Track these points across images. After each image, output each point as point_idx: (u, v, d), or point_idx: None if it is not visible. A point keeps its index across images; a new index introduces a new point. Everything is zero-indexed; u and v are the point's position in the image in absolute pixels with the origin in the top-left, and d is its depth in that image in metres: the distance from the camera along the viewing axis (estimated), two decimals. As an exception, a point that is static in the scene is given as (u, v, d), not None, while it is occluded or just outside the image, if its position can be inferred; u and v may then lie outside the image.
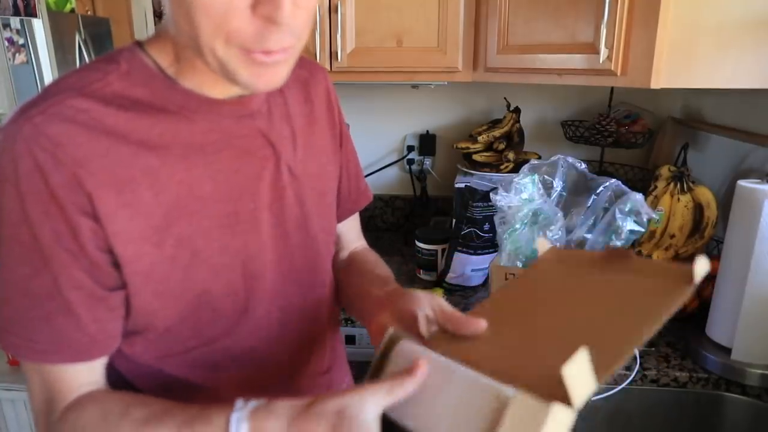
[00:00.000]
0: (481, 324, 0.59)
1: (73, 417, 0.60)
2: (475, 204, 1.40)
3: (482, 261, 1.45)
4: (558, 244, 1.03)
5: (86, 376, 0.62)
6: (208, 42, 0.53)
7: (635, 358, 1.08)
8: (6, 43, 1.61)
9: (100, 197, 0.56)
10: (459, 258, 1.44)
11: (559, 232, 1.04)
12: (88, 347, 0.60)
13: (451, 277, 1.46)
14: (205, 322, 0.66)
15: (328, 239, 0.79)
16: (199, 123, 0.63)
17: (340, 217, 0.87)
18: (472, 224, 1.41)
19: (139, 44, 0.63)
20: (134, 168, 0.58)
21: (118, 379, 0.67)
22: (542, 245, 0.69)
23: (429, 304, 0.66)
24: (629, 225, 0.96)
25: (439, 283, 1.49)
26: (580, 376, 0.43)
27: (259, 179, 0.67)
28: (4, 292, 0.58)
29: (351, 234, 0.93)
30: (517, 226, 1.06)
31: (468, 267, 1.45)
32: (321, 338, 0.82)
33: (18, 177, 0.54)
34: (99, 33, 1.61)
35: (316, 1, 0.57)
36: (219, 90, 0.63)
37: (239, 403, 0.53)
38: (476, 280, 1.48)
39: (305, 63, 0.79)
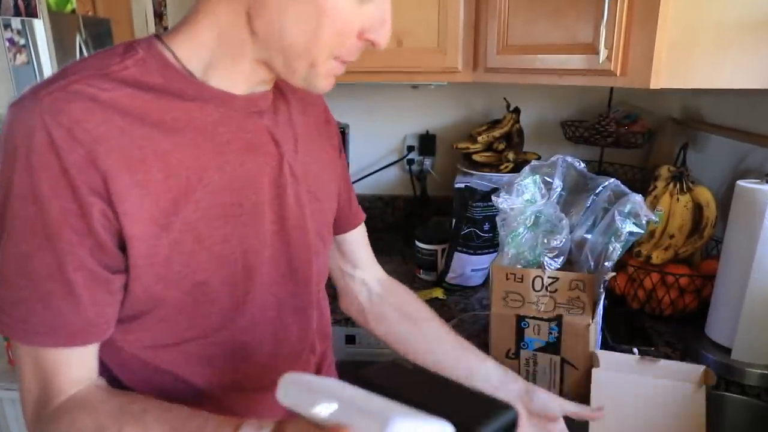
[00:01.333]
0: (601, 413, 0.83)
1: (68, 420, 0.59)
2: (475, 204, 1.40)
3: (482, 261, 1.45)
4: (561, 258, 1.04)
5: (81, 365, 0.62)
6: (319, 55, 0.61)
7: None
8: (7, 44, 1.61)
9: (114, 176, 0.56)
10: (459, 258, 1.44)
11: (564, 240, 1.03)
12: (84, 331, 0.60)
13: (450, 277, 1.46)
14: (201, 312, 0.67)
15: (320, 245, 0.80)
16: (211, 113, 0.64)
17: (338, 230, 0.90)
18: (472, 224, 1.42)
19: (157, 37, 0.64)
20: (147, 149, 0.59)
21: (105, 374, 0.67)
22: None
23: (559, 407, 0.82)
24: (628, 227, 0.96)
25: (438, 283, 1.49)
26: None
27: (262, 174, 0.69)
28: (2, 269, 0.58)
29: (363, 255, 0.96)
30: (520, 230, 1.06)
31: (468, 267, 1.45)
32: (310, 339, 0.82)
33: (31, 151, 0.54)
34: (99, 33, 1.61)
35: None
36: (240, 87, 0.66)
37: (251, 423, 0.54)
38: (476, 280, 1.48)
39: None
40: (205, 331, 0.68)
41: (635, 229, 0.96)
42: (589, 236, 1.03)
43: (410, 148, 1.91)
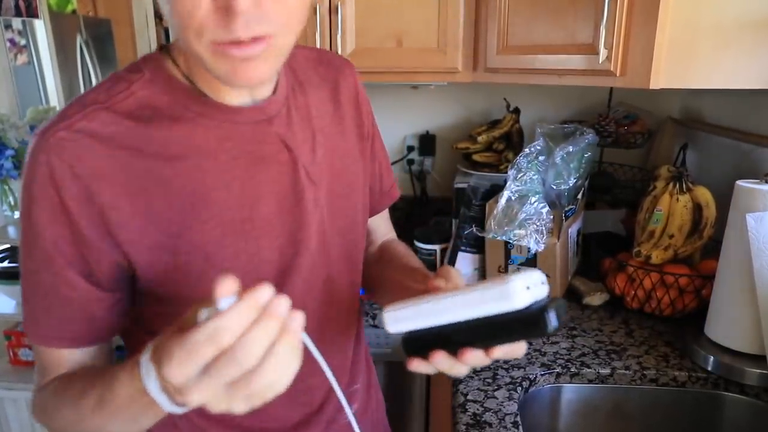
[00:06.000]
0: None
1: (43, 392, 0.66)
2: (478, 203, 1.40)
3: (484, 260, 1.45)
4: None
5: (71, 358, 0.66)
6: (185, 37, 0.55)
7: (635, 357, 1.09)
8: (8, 44, 1.62)
9: (112, 208, 0.60)
10: (462, 257, 1.44)
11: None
12: (84, 337, 0.65)
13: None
14: None
15: (349, 240, 0.79)
16: (215, 130, 0.64)
17: (372, 212, 0.89)
18: (475, 223, 1.42)
19: (168, 48, 0.66)
20: (148, 179, 0.61)
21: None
22: None
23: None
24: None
25: (439, 283, 1.49)
26: None
27: (276, 184, 0.68)
28: (32, 283, 0.64)
29: (380, 229, 0.95)
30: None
31: (470, 266, 1.45)
32: (339, 339, 0.82)
33: (33, 183, 0.59)
34: (100, 34, 1.61)
35: None
36: (232, 94, 0.65)
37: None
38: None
39: (332, 60, 0.81)
40: None
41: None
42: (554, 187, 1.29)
43: (410, 148, 1.91)
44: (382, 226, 0.95)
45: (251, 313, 0.42)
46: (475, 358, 0.55)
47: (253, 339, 0.41)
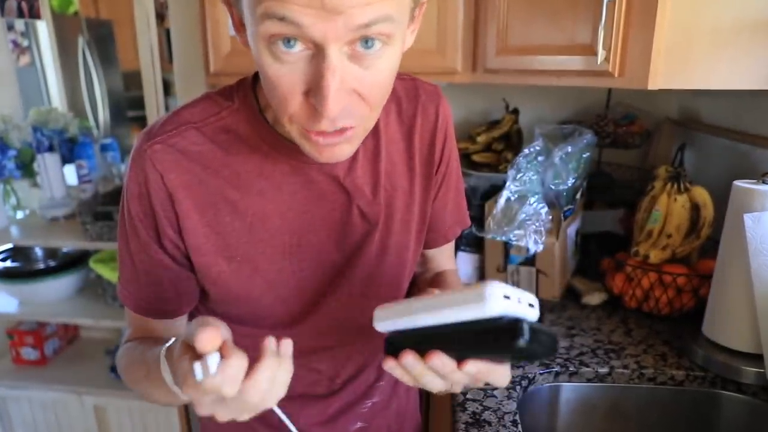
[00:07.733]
0: None
1: (122, 348, 0.79)
2: (477, 203, 1.41)
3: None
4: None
5: (144, 324, 0.79)
6: (279, 115, 0.63)
7: (634, 355, 1.10)
8: (11, 45, 1.62)
9: (186, 216, 0.71)
10: (462, 257, 1.45)
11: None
12: (172, 310, 0.78)
13: (450, 276, 1.47)
14: (256, 319, 0.80)
15: (396, 273, 0.85)
16: (281, 165, 0.73)
17: (426, 247, 0.92)
18: (474, 223, 1.42)
19: (255, 79, 0.73)
20: (219, 197, 0.72)
21: None
22: None
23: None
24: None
25: (438, 282, 1.49)
26: None
27: (327, 219, 0.77)
28: (123, 257, 0.76)
29: (437, 260, 0.99)
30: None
31: (470, 266, 1.46)
32: (370, 343, 0.89)
33: (132, 183, 0.71)
34: (102, 35, 1.62)
35: (384, 76, 0.63)
36: None
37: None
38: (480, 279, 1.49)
39: (420, 93, 0.82)
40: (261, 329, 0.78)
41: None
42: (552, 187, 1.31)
43: (410, 149, 1.91)
44: (437, 257, 0.98)
45: (239, 372, 0.50)
46: (442, 364, 0.54)
47: (252, 388, 0.50)
